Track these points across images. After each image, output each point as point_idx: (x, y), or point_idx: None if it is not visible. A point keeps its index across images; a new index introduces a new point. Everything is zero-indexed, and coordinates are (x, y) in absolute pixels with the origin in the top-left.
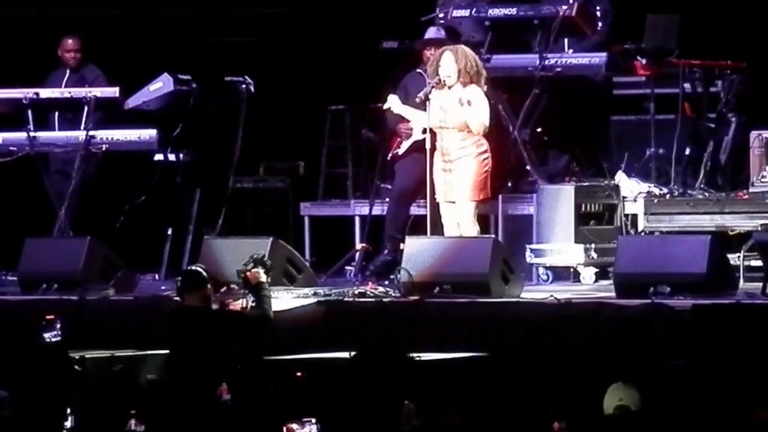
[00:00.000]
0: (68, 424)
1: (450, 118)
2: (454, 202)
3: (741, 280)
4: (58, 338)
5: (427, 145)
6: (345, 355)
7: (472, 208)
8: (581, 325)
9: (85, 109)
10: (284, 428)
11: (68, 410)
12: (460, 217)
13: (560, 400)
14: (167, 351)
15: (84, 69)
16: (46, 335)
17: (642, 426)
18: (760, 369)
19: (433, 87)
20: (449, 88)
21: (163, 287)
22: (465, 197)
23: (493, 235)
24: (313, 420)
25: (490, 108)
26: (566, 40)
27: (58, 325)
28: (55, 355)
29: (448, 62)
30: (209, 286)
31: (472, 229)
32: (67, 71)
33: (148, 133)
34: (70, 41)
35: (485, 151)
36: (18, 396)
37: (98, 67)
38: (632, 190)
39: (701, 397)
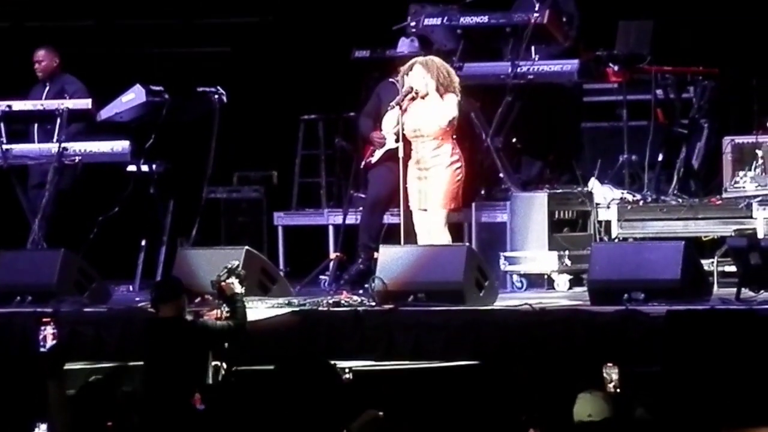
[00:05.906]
0: None
1: (425, 127)
2: (426, 210)
3: (715, 286)
4: (55, 343)
5: (400, 154)
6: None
7: (443, 216)
8: (556, 333)
9: (58, 121)
10: None
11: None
12: (430, 225)
13: (534, 408)
14: (142, 362)
15: (63, 81)
16: (43, 342)
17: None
18: (734, 374)
19: (405, 96)
20: (423, 98)
21: (137, 298)
22: (436, 205)
23: (467, 243)
24: None
25: (462, 116)
26: (533, 47)
27: (54, 331)
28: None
29: (419, 73)
30: (184, 296)
31: (442, 237)
32: (47, 84)
33: (121, 145)
34: (39, 52)
35: (458, 160)
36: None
37: (79, 80)
38: (605, 197)
39: (676, 403)
